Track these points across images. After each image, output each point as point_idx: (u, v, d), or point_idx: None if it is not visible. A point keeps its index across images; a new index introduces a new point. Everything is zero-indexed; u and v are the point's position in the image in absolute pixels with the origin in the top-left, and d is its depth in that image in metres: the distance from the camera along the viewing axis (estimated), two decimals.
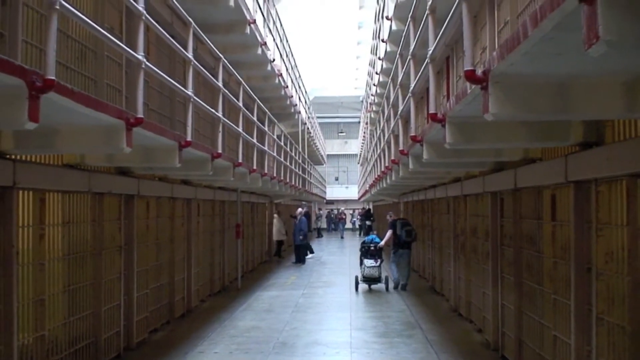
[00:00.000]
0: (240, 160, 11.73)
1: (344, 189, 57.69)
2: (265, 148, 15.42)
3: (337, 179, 59.73)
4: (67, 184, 7.95)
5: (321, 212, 52.23)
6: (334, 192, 56.47)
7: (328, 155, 56.03)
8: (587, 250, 6.29)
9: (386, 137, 13.87)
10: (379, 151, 16.91)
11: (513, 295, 8.94)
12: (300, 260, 24.28)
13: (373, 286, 16.90)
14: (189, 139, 8.15)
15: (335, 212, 52.68)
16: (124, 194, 9.70)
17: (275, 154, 18.04)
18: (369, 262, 16.58)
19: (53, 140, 6.28)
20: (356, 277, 16.98)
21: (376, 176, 18.34)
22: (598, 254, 5.92)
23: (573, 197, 6.48)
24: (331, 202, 56.49)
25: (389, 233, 17.16)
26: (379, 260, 16.63)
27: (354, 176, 56.14)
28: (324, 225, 53.12)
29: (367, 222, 39.29)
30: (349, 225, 52.15)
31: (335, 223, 50.82)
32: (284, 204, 31.36)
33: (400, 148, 9.87)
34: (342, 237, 44.78)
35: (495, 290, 9.87)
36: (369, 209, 44.94)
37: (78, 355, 8.29)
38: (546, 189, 7.62)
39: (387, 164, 13.67)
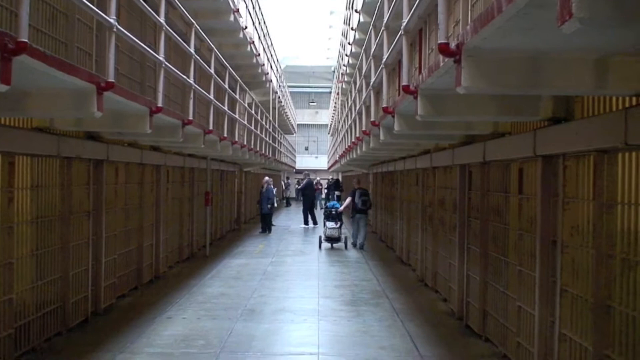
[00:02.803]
0: (210, 128, 11.68)
1: (314, 158, 57.79)
2: (236, 116, 15.37)
3: (307, 148, 59.78)
4: (36, 147, 7.88)
5: (289, 181, 52.13)
6: (303, 161, 56.50)
7: (298, 125, 55.94)
8: (553, 224, 6.42)
9: (357, 108, 13.89)
10: (349, 122, 16.94)
11: (478, 266, 9.09)
12: (267, 229, 24.31)
13: (335, 245, 19.46)
14: (159, 105, 8.10)
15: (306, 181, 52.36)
16: (93, 159, 9.63)
17: (245, 122, 17.98)
18: (330, 224, 19.34)
19: (24, 104, 6.21)
20: (320, 237, 19.63)
21: (346, 147, 18.39)
22: (564, 227, 6.04)
23: (540, 171, 6.58)
24: (300, 171, 56.51)
25: (348, 200, 19.77)
26: (338, 223, 19.29)
27: (324, 146, 56.21)
28: (293, 195, 53.14)
29: (337, 192, 39.35)
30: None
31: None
32: (254, 173, 31.30)
33: (372, 119, 9.89)
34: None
35: (461, 261, 10.02)
36: (338, 179, 45.00)
37: (46, 319, 8.28)
38: (514, 163, 7.73)
39: (357, 135, 13.71)
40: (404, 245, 16.51)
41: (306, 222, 27.44)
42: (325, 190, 52.14)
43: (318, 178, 52.66)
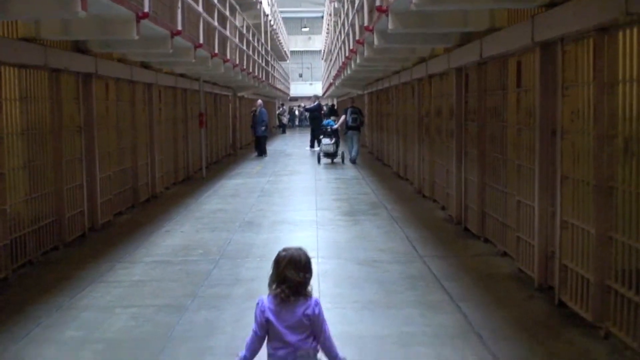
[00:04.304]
0: (201, 42, 11.43)
1: (308, 85, 57.21)
2: (227, 33, 15.06)
3: (300, 75, 59.21)
4: (23, 57, 7.69)
5: (284, 107, 51.68)
6: (297, 89, 56.02)
7: (292, 52, 55.25)
8: (552, 113, 6.29)
9: (350, 19, 13.62)
10: (343, 37, 16.66)
11: (476, 169, 9.01)
12: (263, 152, 24.05)
13: (335, 160, 20.87)
14: (146, 10, 7.87)
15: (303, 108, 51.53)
16: (82, 72, 9.43)
17: (237, 41, 17.65)
18: (325, 141, 20.62)
19: (6, 5, 6.03)
20: (318, 154, 21.20)
21: (341, 62, 18.14)
22: (564, 114, 5.91)
23: (539, 59, 6.42)
24: (295, 98, 56.13)
25: (342, 117, 21.03)
26: (333, 139, 20.51)
27: (318, 73, 55.60)
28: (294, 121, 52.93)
29: (332, 117, 39.16)
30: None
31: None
32: (247, 98, 31.00)
33: (365, 24, 9.68)
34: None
35: (458, 166, 9.93)
36: (333, 105, 44.78)
37: (41, 232, 8.22)
38: (511, 58, 7.55)
39: (352, 47, 13.47)
40: (400, 160, 16.42)
41: (312, 145, 26.81)
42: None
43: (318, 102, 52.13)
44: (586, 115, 5.49)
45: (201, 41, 11.44)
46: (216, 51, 13.30)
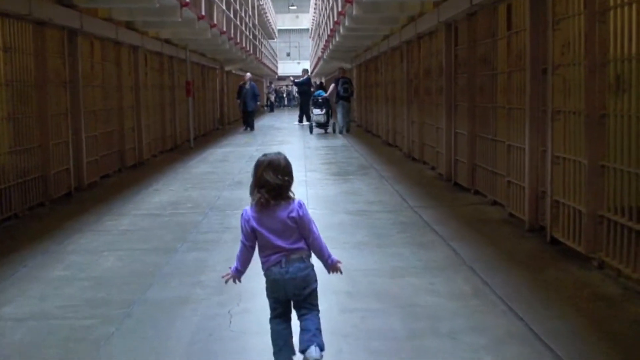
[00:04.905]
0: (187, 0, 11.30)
1: (296, 64, 56.83)
2: None
3: (288, 54, 58.91)
4: (7, 4, 7.53)
5: (272, 86, 51.36)
6: (285, 67, 55.66)
7: (279, 30, 54.99)
8: (543, 51, 6.24)
9: None
10: (332, 3, 16.54)
11: (466, 121, 8.96)
12: (251, 126, 23.72)
13: (327, 130, 21.13)
14: None
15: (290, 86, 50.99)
16: (67, 27, 9.28)
17: (224, 7, 17.47)
18: (316, 111, 20.99)
19: None
20: (310, 124, 21.48)
21: (330, 30, 18.02)
22: (554, 49, 5.84)
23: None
24: (283, 77, 55.77)
25: (332, 87, 21.40)
26: (324, 109, 20.81)
27: (306, 52, 55.28)
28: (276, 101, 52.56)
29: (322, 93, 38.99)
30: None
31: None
32: (235, 73, 30.77)
33: None
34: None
35: (448, 121, 9.88)
36: (322, 82, 44.59)
37: (27, 186, 8.09)
38: (501, 5, 7.48)
39: (340, 9, 13.35)
40: (389, 128, 16.36)
41: (301, 120, 26.49)
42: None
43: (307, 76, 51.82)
44: (577, 46, 5.42)
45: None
46: (203, 13, 13.14)
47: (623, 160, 4.84)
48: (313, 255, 3.52)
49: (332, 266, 3.56)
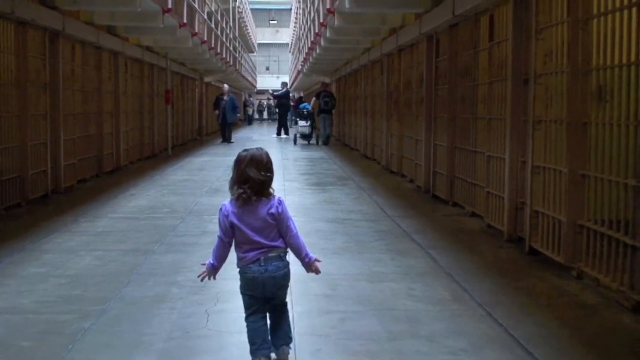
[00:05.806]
0: (169, 6, 11.27)
1: (275, 78, 56.91)
2: (196, 5, 14.88)
3: (267, 68, 58.97)
4: None
5: (251, 99, 51.37)
6: (264, 81, 55.72)
7: (259, 44, 55.03)
8: (525, 61, 6.28)
9: None
10: (313, 15, 16.57)
11: (446, 132, 8.99)
12: (228, 139, 22.99)
13: (310, 142, 21.67)
14: None
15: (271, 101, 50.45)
16: (49, 28, 9.21)
17: (205, 16, 17.46)
18: (301, 123, 21.78)
19: None
20: (295, 135, 22.19)
21: (310, 42, 18.05)
22: (537, 58, 5.88)
23: (512, 7, 6.41)
24: (262, 91, 55.83)
25: (313, 100, 22.07)
26: (309, 121, 21.67)
27: (285, 66, 55.39)
28: (255, 115, 52.52)
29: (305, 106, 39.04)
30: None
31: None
32: (214, 85, 30.70)
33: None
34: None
35: (428, 133, 9.90)
36: (301, 97, 44.67)
37: (4, 186, 8.00)
38: (483, 15, 7.53)
39: (322, 20, 13.39)
40: (368, 141, 16.39)
41: (279, 133, 26.07)
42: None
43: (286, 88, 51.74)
44: (560, 55, 5.47)
45: (170, 6, 11.26)
46: (185, 21, 13.12)
47: (604, 168, 4.87)
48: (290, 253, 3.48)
49: (310, 264, 3.51)
